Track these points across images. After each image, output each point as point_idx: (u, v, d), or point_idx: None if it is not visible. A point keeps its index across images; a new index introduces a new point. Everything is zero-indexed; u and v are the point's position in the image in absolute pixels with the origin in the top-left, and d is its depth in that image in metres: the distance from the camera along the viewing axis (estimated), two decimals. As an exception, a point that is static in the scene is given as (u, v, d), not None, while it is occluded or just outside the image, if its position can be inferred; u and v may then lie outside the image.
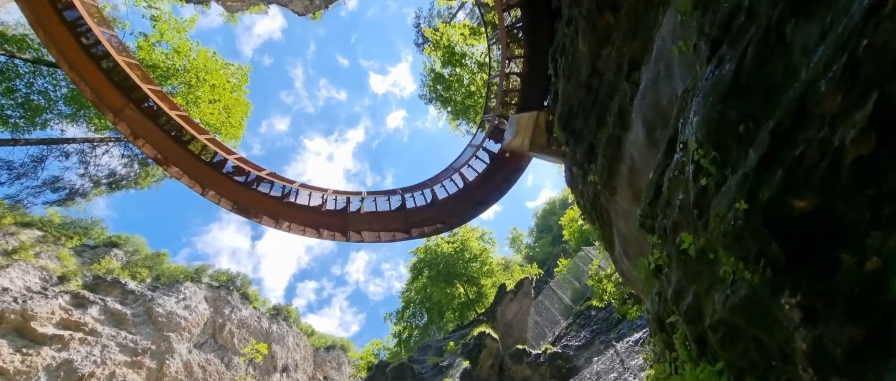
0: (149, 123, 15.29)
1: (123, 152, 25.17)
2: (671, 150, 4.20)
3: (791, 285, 2.40)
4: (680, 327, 3.93)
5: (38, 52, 20.21)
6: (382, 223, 16.64)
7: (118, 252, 57.17)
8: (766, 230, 2.47)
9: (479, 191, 16.77)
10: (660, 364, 4.09)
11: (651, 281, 5.11)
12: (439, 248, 43.13)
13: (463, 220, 18.22)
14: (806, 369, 2.34)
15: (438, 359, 30.62)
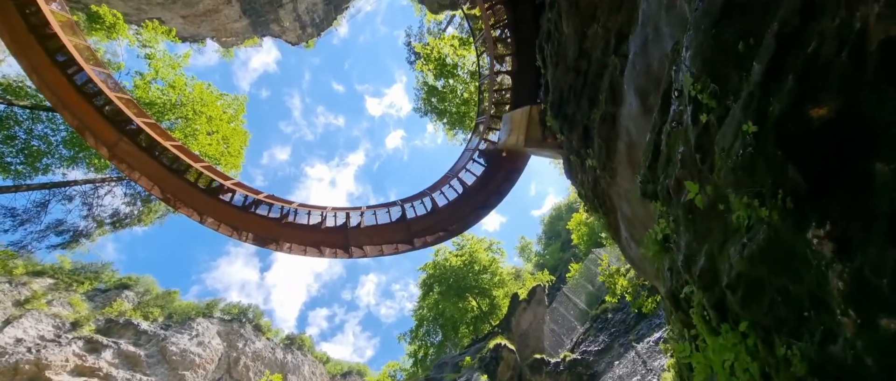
0: (144, 155, 15.30)
1: (126, 191, 25.30)
2: (666, 105, 3.86)
3: (817, 215, 2.02)
4: (696, 297, 3.51)
5: (36, 98, 20.55)
6: (384, 236, 16.30)
7: (129, 293, 57.17)
8: (781, 153, 2.10)
9: (479, 195, 16.42)
10: (679, 344, 3.65)
11: (660, 257, 4.69)
12: (448, 262, 42.49)
13: (466, 225, 17.82)
14: (846, 311, 1.94)
15: (456, 376, 29.68)
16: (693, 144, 3.03)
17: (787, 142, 2.09)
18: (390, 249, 16.36)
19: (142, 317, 53.11)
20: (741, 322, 2.70)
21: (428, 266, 43.12)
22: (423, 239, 16.68)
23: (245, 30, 42.89)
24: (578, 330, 32.99)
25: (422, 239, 16.54)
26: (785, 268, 2.31)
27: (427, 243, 17.31)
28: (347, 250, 15.95)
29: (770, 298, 2.49)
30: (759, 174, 2.28)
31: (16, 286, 45.80)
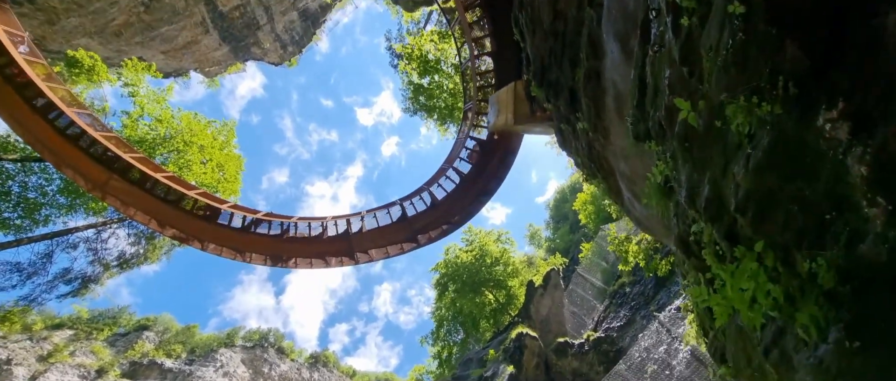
0: (136, 190, 15.17)
1: (129, 232, 25.30)
2: (646, 34, 3.57)
3: (826, 94, 1.73)
4: (705, 232, 3.21)
5: (24, 150, 20.52)
6: (387, 237, 16.07)
7: (149, 334, 57.38)
8: (775, 30, 1.81)
9: (477, 182, 16.14)
10: (695, 289, 3.35)
11: (663, 203, 4.39)
12: (459, 259, 42.21)
13: (468, 215, 17.55)
14: (873, 200, 1.64)
15: (482, 370, 29.34)
16: (678, 60, 2.74)
17: (780, 14, 1.79)
18: (395, 249, 16.13)
19: (165, 356, 53.30)
20: (756, 244, 2.40)
21: (440, 266, 42.87)
22: (428, 235, 16.43)
23: (226, 57, 42.85)
24: (598, 309, 32.54)
25: (426, 235, 16.29)
26: (797, 169, 2.01)
27: (432, 239, 17.07)
28: (353, 257, 15.73)
29: (785, 210, 2.20)
30: (753, 65, 1.99)
31: (37, 342, 46.06)
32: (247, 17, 38.10)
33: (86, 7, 26.86)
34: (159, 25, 31.51)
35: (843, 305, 1.89)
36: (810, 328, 1.95)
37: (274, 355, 62.17)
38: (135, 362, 50.04)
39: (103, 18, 29.13)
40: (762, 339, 2.83)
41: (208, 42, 38.50)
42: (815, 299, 1.96)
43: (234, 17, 37.02)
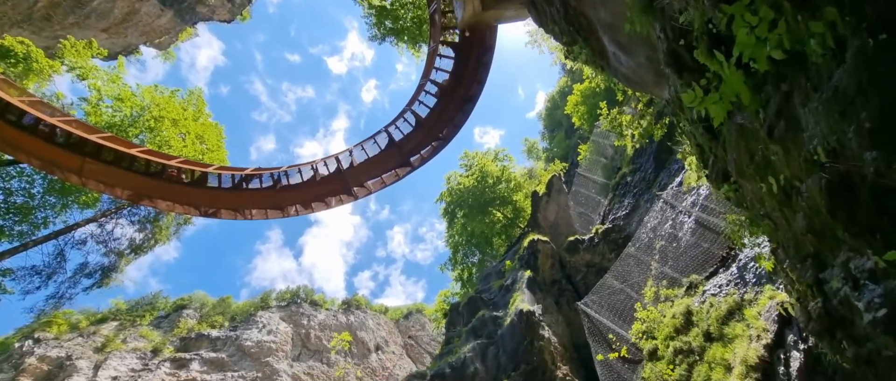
0: (114, 169, 14.70)
1: (130, 219, 25.33)
2: None
3: None
4: (695, 23, 2.76)
5: (-4, 158, 19.74)
6: (380, 166, 15.78)
7: (189, 311, 60.74)
8: None
9: (458, 90, 15.37)
10: (689, 93, 2.98)
11: (647, 20, 3.88)
12: (461, 185, 42.51)
13: (456, 127, 17.00)
14: None
15: (502, 281, 30.92)
16: None
17: None
18: (391, 177, 15.92)
19: (209, 327, 56.98)
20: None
21: (444, 195, 43.33)
22: (419, 156, 16.10)
23: (173, 23, 39.49)
24: (603, 204, 33.24)
25: (418, 156, 15.97)
26: None
27: (424, 159, 16.76)
28: (350, 193, 15.61)
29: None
30: None
31: (88, 337, 49.07)
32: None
33: (1, -8, 24.22)
34: (85, 2, 28.54)
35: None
36: (827, 35, 1.59)
37: (309, 308, 66.19)
38: (184, 337, 53.64)
39: (25, 3, 26.38)
40: (765, 118, 2.51)
41: (148, 9, 35.20)
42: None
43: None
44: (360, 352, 62.91)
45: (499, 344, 21.01)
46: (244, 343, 53.92)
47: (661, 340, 12.99)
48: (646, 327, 14.31)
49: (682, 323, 12.55)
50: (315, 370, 56.12)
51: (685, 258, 15.63)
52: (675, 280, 15.51)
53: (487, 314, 24.97)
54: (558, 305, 23.06)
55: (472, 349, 22.04)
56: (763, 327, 8.55)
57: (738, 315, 10.16)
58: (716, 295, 12.00)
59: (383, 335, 70.03)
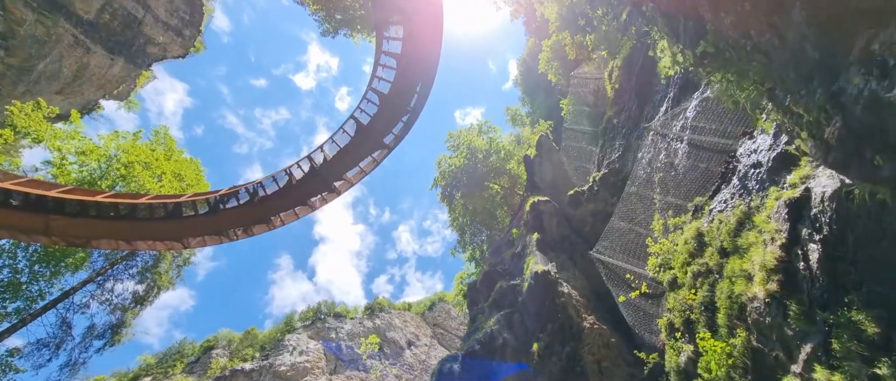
0: (83, 221, 14.30)
1: (127, 271, 24.99)
2: None
3: None
4: None
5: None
6: (355, 155, 15.36)
7: (218, 351, 61.11)
8: None
9: (416, 54, 14.70)
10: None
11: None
12: (452, 166, 42.22)
13: (423, 95, 16.27)
14: None
15: (512, 250, 30.95)
16: None
17: None
18: (370, 164, 15.54)
19: (241, 361, 57.44)
20: None
21: (438, 180, 43.08)
22: (393, 135, 15.66)
23: (126, 70, 38.38)
24: (595, 152, 33.05)
25: (391, 136, 15.53)
26: None
27: (398, 138, 16.32)
28: (332, 189, 15.25)
29: None
30: None
31: (121, 399, 49.46)
32: (120, 16, 33.14)
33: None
34: (32, 62, 27.56)
35: None
36: None
37: (333, 321, 66.59)
38: (219, 377, 54.13)
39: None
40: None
41: (98, 61, 34.12)
42: None
43: (106, 21, 32.18)
44: (394, 352, 63.57)
45: (522, 310, 21.06)
46: (279, 369, 54.38)
47: (678, 268, 12.92)
48: (661, 259, 14.24)
49: (695, 247, 12.45)
50: (353, 378, 56.78)
51: (686, 183, 15.49)
52: (680, 207, 15.39)
53: (505, 285, 25.02)
54: (572, 259, 23.04)
55: (497, 322, 22.12)
56: (775, 228, 8.40)
57: (749, 224, 10.03)
58: (723, 211, 11.88)
59: (412, 331, 70.73)
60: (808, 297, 7.04)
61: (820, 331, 6.73)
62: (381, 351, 63.41)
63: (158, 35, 37.96)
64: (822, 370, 6.34)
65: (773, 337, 7.91)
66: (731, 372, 9.23)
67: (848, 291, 6.50)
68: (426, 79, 15.47)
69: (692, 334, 11.47)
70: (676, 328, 12.18)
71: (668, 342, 12.54)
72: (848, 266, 6.61)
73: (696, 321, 11.61)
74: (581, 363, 15.00)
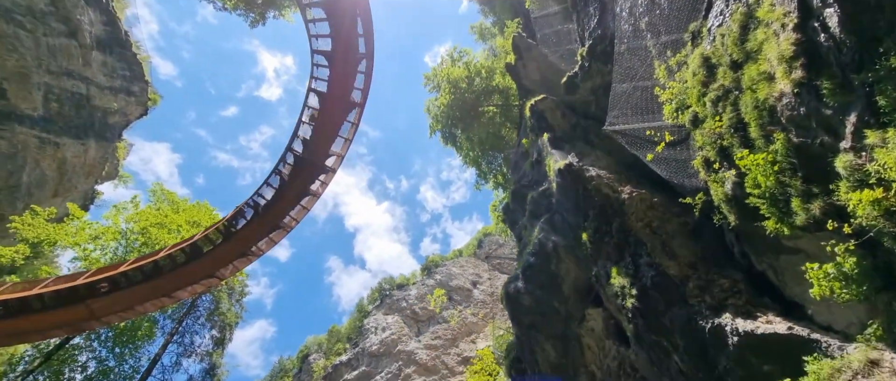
0: (119, 294, 15.08)
1: (196, 324, 26.79)
2: None
3: None
4: None
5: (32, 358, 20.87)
6: (331, 125, 14.90)
7: (313, 356, 66.44)
8: None
9: (352, 35, 13.64)
10: None
11: None
12: (440, 106, 41.03)
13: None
14: None
15: (530, 159, 30.58)
16: None
17: None
18: (350, 129, 15.10)
19: (336, 356, 62.45)
20: None
21: (434, 126, 42.20)
22: (359, 90, 14.90)
23: (102, 149, 38.09)
24: (573, 28, 30.94)
25: (358, 91, 14.82)
26: None
27: (366, 91, 15.48)
28: (325, 169, 14.98)
29: None
30: None
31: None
32: (66, 99, 32.25)
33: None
34: (16, 178, 27.72)
35: None
36: None
37: (399, 292, 70.22)
38: (325, 376, 59.35)
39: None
40: None
41: (71, 151, 33.92)
42: None
43: (56, 110, 31.45)
44: (463, 297, 66.92)
45: (559, 210, 21.10)
46: (371, 349, 58.86)
47: (695, 103, 12.25)
48: (675, 102, 13.53)
49: (705, 74, 11.67)
50: (438, 332, 60.75)
51: (674, 15, 14.27)
52: (676, 43, 14.32)
53: (535, 194, 24.99)
54: (589, 143, 22.49)
55: (540, 230, 22.38)
56: (782, 12, 7.57)
57: (753, 23, 9.15)
58: (722, 24, 10.90)
59: (471, 272, 73.73)
60: (839, 66, 6.42)
61: (860, 95, 6.20)
62: (451, 300, 66.96)
63: (110, 102, 36.99)
64: (873, 133, 5.90)
65: (813, 125, 7.43)
66: (779, 178, 8.89)
67: (880, 41, 5.84)
68: (364, 14, 14.31)
69: (730, 159, 11.08)
70: (712, 162, 11.80)
71: (708, 178, 12.23)
72: (873, 15, 5.89)
73: (729, 145, 11.15)
74: (632, 233, 15.06)
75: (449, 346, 59.07)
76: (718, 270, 12.37)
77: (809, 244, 9.01)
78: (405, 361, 55.90)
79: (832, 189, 7.58)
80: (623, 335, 16.09)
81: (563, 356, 20.13)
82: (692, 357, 11.01)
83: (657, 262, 13.53)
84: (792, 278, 9.95)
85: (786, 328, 8.90)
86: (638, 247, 14.59)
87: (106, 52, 34.98)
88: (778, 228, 8.91)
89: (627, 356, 15.85)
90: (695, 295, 11.79)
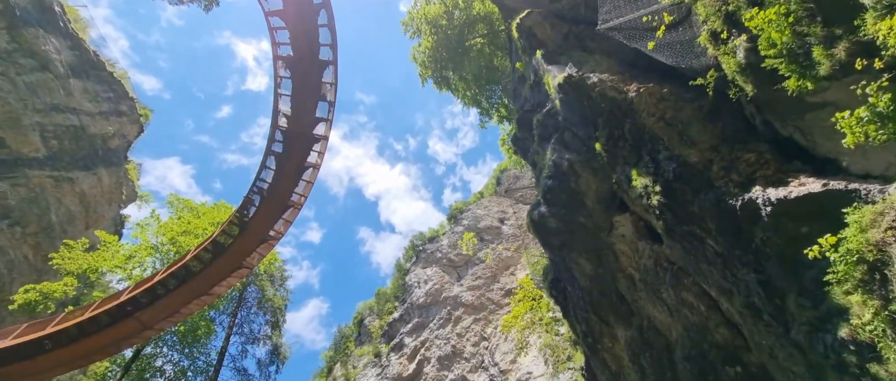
0: (162, 302, 16.10)
1: (249, 315, 28.78)
2: None
3: None
4: None
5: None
6: (308, 95, 14.33)
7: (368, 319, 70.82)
8: None
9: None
10: None
11: None
12: (425, 50, 39.06)
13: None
14: None
15: (527, 82, 29.32)
16: None
17: None
18: (330, 90, 14.49)
19: (388, 315, 66.44)
20: None
21: (423, 73, 40.56)
22: (328, 47, 14.09)
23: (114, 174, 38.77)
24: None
25: (327, 48, 14.02)
26: None
27: (335, 47, 14.64)
28: (316, 138, 14.69)
29: None
30: None
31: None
32: (62, 135, 32.42)
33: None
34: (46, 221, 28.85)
35: None
36: None
37: (431, 245, 72.32)
38: (384, 333, 63.56)
39: (24, 263, 27.62)
40: None
41: (87, 183, 34.74)
42: None
43: (57, 147, 31.77)
44: (493, 235, 68.31)
45: (567, 126, 20.41)
46: (418, 302, 62.04)
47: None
48: (669, -23, 12.27)
49: (698, -67, 10.38)
50: (477, 272, 62.97)
51: None
52: None
53: (540, 116, 24.17)
54: (585, 49, 21.12)
55: (552, 151, 21.86)
56: None
57: None
58: None
59: (497, 210, 74.62)
60: None
61: None
62: (482, 241, 68.65)
63: (104, 127, 37.02)
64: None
65: (829, -44, 6.51)
66: (796, 30, 8.08)
67: None
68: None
69: (738, 25, 10.14)
70: (719, 33, 10.86)
71: (717, 52, 11.34)
72: None
73: (735, 9, 10.16)
74: (646, 130, 14.46)
75: (490, 283, 61.35)
76: (741, 146, 11.82)
77: (837, 94, 8.36)
78: (452, 305, 58.72)
79: (857, 25, 6.91)
80: (654, 233, 16.04)
81: (598, 267, 20.47)
82: (726, 238, 10.89)
83: (677, 153, 13.04)
84: (821, 134, 9.40)
85: (820, 185, 8.53)
86: (654, 143, 14.05)
87: (82, 77, 34.37)
88: (801, 84, 8.28)
89: (662, 252, 15.91)
90: (720, 177, 11.41)
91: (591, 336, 21.43)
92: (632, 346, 18.32)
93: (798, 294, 8.64)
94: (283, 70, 13.65)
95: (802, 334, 8.47)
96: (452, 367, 50.46)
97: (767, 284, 9.60)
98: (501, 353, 45.79)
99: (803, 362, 8.84)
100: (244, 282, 25.45)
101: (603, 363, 21.20)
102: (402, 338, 58.55)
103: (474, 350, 53.10)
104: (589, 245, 20.25)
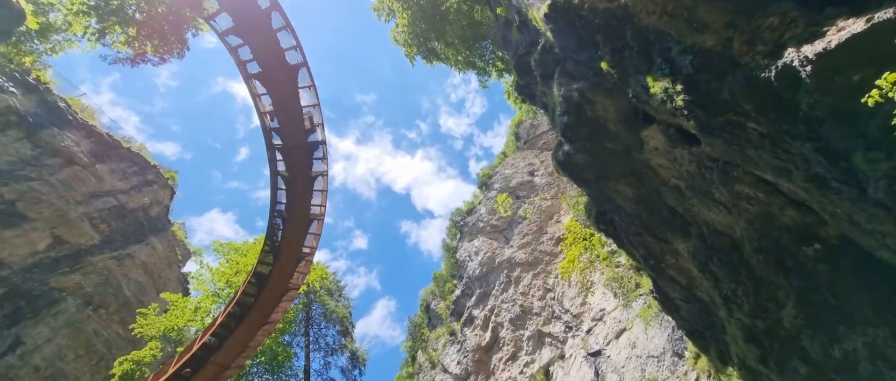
0: (229, 342, 17.01)
1: (319, 332, 30.52)
2: None
3: None
4: None
5: None
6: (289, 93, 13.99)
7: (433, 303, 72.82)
8: None
9: None
10: None
11: None
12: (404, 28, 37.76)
13: None
14: None
15: (514, 25, 27.78)
16: None
17: None
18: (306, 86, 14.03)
19: (450, 293, 68.06)
20: None
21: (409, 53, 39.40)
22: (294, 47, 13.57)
23: (163, 239, 41.19)
24: None
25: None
26: None
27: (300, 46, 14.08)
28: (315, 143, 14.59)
29: None
30: None
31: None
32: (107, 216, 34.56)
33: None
34: (122, 299, 31.26)
35: None
36: None
37: (470, 217, 72.64)
38: (452, 311, 65.25)
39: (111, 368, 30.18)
40: None
41: (144, 255, 37.14)
42: None
43: (107, 230, 33.98)
44: (527, 189, 67.44)
45: (567, 57, 19.19)
46: (474, 273, 62.90)
47: None
48: None
49: None
50: (523, 230, 62.80)
51: None
52: None
53: (535, 56, 22.90)
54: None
55: (559, 86, 20.72)
56: None
57: None
58: None
59: (523, 165, 73.35)
60: None
61: None
62: (517, 199, 67.99)
63: (140, 199, 39.19)
64: None
65: None
66: None
67: None
68: None
69: None
70: None
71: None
72: None
73: None
74: (650, 31, 13.20)
75: (538, 236, 60.91)
76: (761, 12, 10.47)
77: (865, -89, 7.06)
78: (508, 267, 58.99)
79: None
80: (688, 135, 14.91)
81: (639, 188, 19.51)
82: (768, 115, 9.83)
83: (690, 43, 11.82)
84: (851, -36, 8.07)
85: (864, 22, 7.38)
86: (663, 41, 12.82)
87: (105, 160, 36.44)
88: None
89: (702, 152, 14.80)
90: (745, 52, 10.22)
91: (652, 258, 20.70)
92: (697, 255, 17.48)
93: (866, 149, 7.67)
94: (259, 87, 13.56)
95: (882, 190, 7.56)
96: (526, 325, 51.02)
97: (827, 149, 8.61)
98: (569, 299, 45.72)
99: (890, 219, 7.94)
100: (304, 302, 26.83)
101: (671, 280, 20.51)
102: (470, 312, 59.74)
103: (542, 304, 53.32)
104: (624, 169, 19.28)
